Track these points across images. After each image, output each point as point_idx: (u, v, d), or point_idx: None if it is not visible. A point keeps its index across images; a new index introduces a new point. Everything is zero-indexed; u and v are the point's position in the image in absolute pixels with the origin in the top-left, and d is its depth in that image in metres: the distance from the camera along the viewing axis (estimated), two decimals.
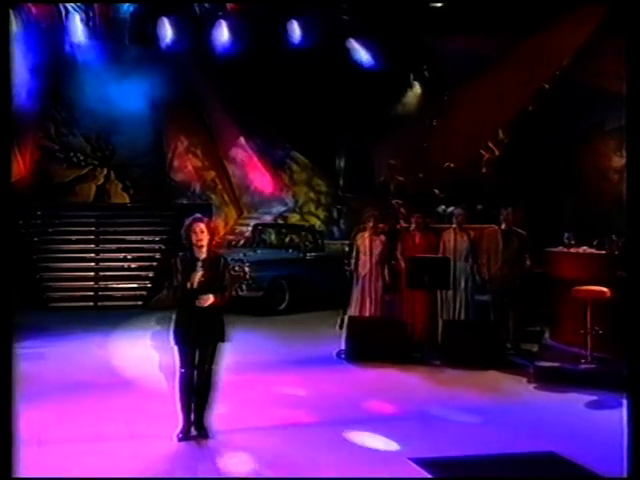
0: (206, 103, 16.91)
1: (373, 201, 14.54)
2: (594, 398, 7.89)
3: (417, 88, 16.00)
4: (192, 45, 15.35)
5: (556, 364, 8.97)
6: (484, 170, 14.22)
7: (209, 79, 16.57)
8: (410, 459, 6.05)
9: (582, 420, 7.23)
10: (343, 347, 9.98)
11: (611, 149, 13.93)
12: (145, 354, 9.86)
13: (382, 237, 10.65)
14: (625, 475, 4.19)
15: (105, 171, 16.92)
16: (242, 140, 16.97)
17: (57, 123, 16.83)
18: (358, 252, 10.71)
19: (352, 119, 15.46)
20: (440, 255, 10.39)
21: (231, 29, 15.03)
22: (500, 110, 14.15)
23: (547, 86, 14.13)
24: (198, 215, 6.77)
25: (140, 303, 14.49)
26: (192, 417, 6.69)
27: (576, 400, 7.89)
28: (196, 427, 6.68)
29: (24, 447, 6.25)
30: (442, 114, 14.95)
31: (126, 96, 15.97)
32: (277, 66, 15.40)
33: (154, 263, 15.09)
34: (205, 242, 6.59)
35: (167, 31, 15.03)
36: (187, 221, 6.66)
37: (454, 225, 10.54)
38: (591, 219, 12.97)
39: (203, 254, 6.62)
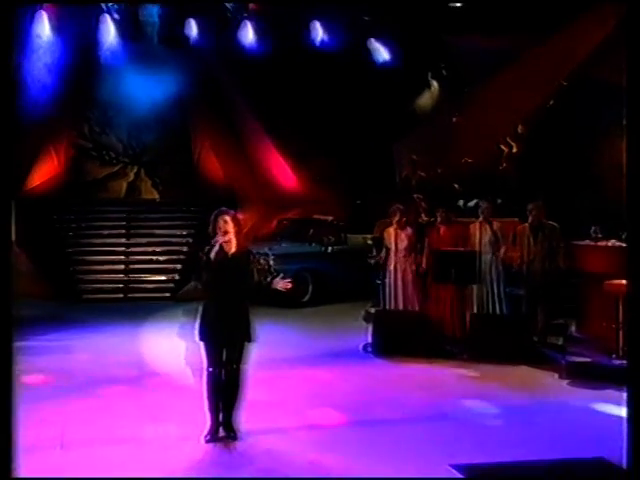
0: (232, 102, 16.13)
1: (394, 196, 13.75)
2: None
3: (437, 86, 15.13)
4: (218, 45, 14.69)
5: (588, 359, 8.10)
6: (503, 165, 13.33)
7: (235, 78, 15.82)
8: (452, 466, 5.22)
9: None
10: (370, 340, 9.17)
11: None
12: (173, 348, 9.01)
13: (408, 231, 9.81)
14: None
15: (135, 169, 16.34)
16: (266, 138, 16.16)
17: (90, 123, 16.27)
18: (385, 246, 9.89)
19: (374, 117, 14.63)
20: (466, 248, 9.56)
21: (255, 30, 14.40)
22: (519, 106, 13.24)
23: (565, 83, 13.19)
24: (223, 208, 6.02)
25: (168, 295, 13.79)
26: (220, 417, 5.91)
27: (614, 398, 6.99)
28: (225, 428, 5.91)
29: (46, 450, 5.55)
30: (461, 111, 14.05)
31: (155, 96, 15.38)
32: (300, 66, 14.69)
33: (182, 256, 14.46)
34: (232, 233, 5.81)
35: (194, 32, 14.38)
36: (213, 214, 5.94)
37: (480, 218, 9.68)
38: (609, 214, 12.07)
39: (232, 248, 5.84)
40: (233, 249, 5.85)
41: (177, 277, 14.14)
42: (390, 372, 8.14)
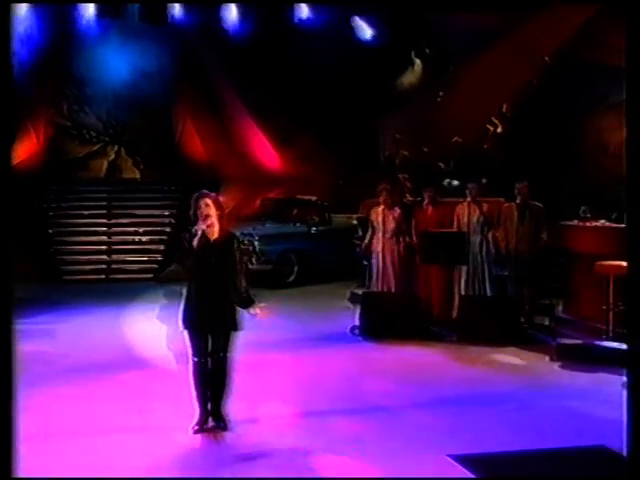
0: (214, 80, 15.71)
1: (378, 175, 13.45)
2: (625, 379, 6.79)
3: (420, 64, 14.79)
4: (201, 23, 14.23)
5: (578, 341, 7.90)
6: (488, 144, 13.05)
7: (217, 56, 15.39)
8: (450, 456, 4.98)
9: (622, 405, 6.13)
10: (357, 323, 8.91)
11: (614, 123, 12.76)
12: (157, 331, 8.69)
13: (396, 212, 9.53)
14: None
15: (116, 147, 15.88)
16: (249, 116, 15.76)
17: (69, 101, 15.75)
18: (371, 227, 9.61)
19: (357, 95, 14.28)
20: (454, 229, 9.31)
21: (239, 7, 13.97)
22: (504, 85, 12.95)
23: (549, 60, 12.91)
24: (204, 191, 5.65)
25: (151, 276, 13.43)
26: (209, 407, 5.62)
27: (608, 382, 6.80)
28: (214, 418, 5.62)
29: (29, 442, 5.21)
30: (446, 90, 13.73)
31: (136, 74, 14.94)
32: (284, 44, 14.28)
33: (164, 237, 14.12)
34: (214, 217, 5.46)
35: (176, 9, 13.93)
36: (194, 197, 5.57)
37: (468, 199, 9.42)
38: (592, 193, 11.86)
39: (215, 233, 5.50)
40: (216, 234, 5.52)
41: (159, 258, 13.80)
42: (379, 356, 7.88)
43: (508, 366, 7.45)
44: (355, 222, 12.13)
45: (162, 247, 13.91)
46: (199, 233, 5.43)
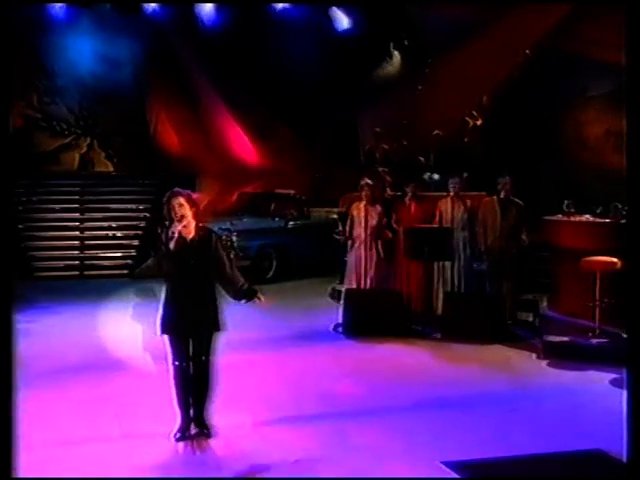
0: (189, 72, 15.32)
1: (357, 169, 13.23)
2: (615, 377, 6.65)
3: (399, 57, 14.55)
4: (176, 14, 13.85)
5: (565, 338, 7.74)
6: (469, 137, 12.86)
7: (192, 47, 15.01)
8: (443, 463, 4.77)
9: (614, 405, 5.96)
10: (340, 320, 8.69)
11: (592, 116, 12.66)
12: (133, 331, 8.33)
13: (378, 207, 9.29)
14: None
15: (88, 140, 15.51)
16: (225, 108, 15.41)
17: (39, 92, 15.28)
18: (352, 222, 9.36)
19: (336, 87, 14.02)
20: (436, 224, 9.11)
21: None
22: (484, 78, 12.76)
23: (529, 53, 12.74)
24: (176, 189, 5.31)
25: (126, 272, 13.06)
26: (191, 413, 5.35)
27: (597, 380, 6.67)
28: (196, 424, 5.34)
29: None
30: (426, 82, 13.51)
31: (109, 65, 14.53)
32: (260, 34, 13.96)
33: (139, 232, 13.71)
34: (188, 216, 5.17)
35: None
36: (166, 196, 5.25)
37: (451, 193, 9.22)
38: (571, 186, 11.74)
39: (191, 232, 5.21)
40: (192, 233, 5.22)
41: (134, 253, 13.43)
42: (364, 356, 7.63)
43: (495, 365, 7.25)
44: (335, 216, 11.92)
45: (137, 242, 13.53)
46: (176, 236, 5.14)
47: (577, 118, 12.86)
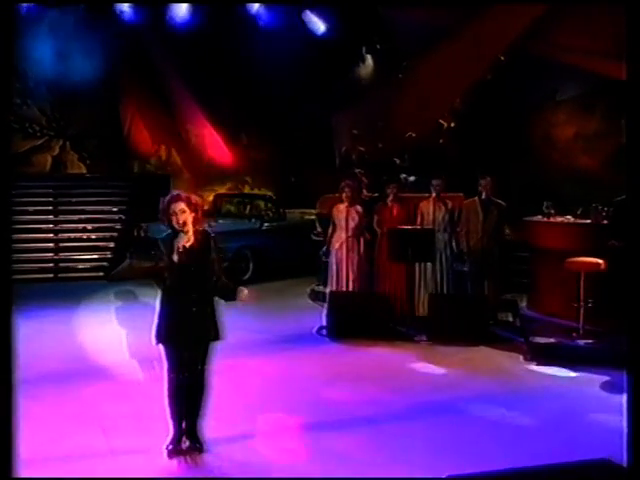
0: (163, 73, 14.84)
1: (333, 171, 12.94)
2: (606, 379, 6.44)
3: (374, 58, 14.25)
4: (149, 14, 13.37)
5: (552, 340, 7.52)
6: (444, 139, 12.63)
7: (166, 49, 14.53)
8: (452, 477, 4.45)
9: (609, 408, 5.73)
10: (324, 323, 8.36)
11: (562, 118, 12.53)
12: (114, 337, 7.92)
13: (358, 208, 8.99)
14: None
15: (61, 142, 14.88)
16: (199, 112, 14.97)
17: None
18: (332, 223, 9.04)
19: (310, 89, 13.68)
20: (418, 226, 8.84)
21: (189, 2, 13.17)
22: (458, 80, 12.53)
23: (502, 57, 12.55)
24: (176, 192, 4.93)
25: (101, 274, 12.56)
26: (183, 425, 4.98)
27: (587, 382, 6.44)
28: (188, 437, 4.97)
29: None
30: (400, 85, 13.24)
31: (82, 67, 13.96)
32: (234, 36, 13.55)
33: (114, 234, 13.18)
34: (190, 223, 4.79)
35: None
36: (164, 201, 4.82)
37: (433, 194, 8.96)
38: (540, 187, 11.58)
39: (190, 239, 4.82)
40: (192, 239, 4.85)
41: (110, 255, 12.93)
42: (350, 360, 7.31)
43: (483, 368, 6.99)
44: (313, 217, 11.61)
45: (112, 244, 13.03)
46: (181, 249, 4.75)
47: (547, 120, 12.72)
